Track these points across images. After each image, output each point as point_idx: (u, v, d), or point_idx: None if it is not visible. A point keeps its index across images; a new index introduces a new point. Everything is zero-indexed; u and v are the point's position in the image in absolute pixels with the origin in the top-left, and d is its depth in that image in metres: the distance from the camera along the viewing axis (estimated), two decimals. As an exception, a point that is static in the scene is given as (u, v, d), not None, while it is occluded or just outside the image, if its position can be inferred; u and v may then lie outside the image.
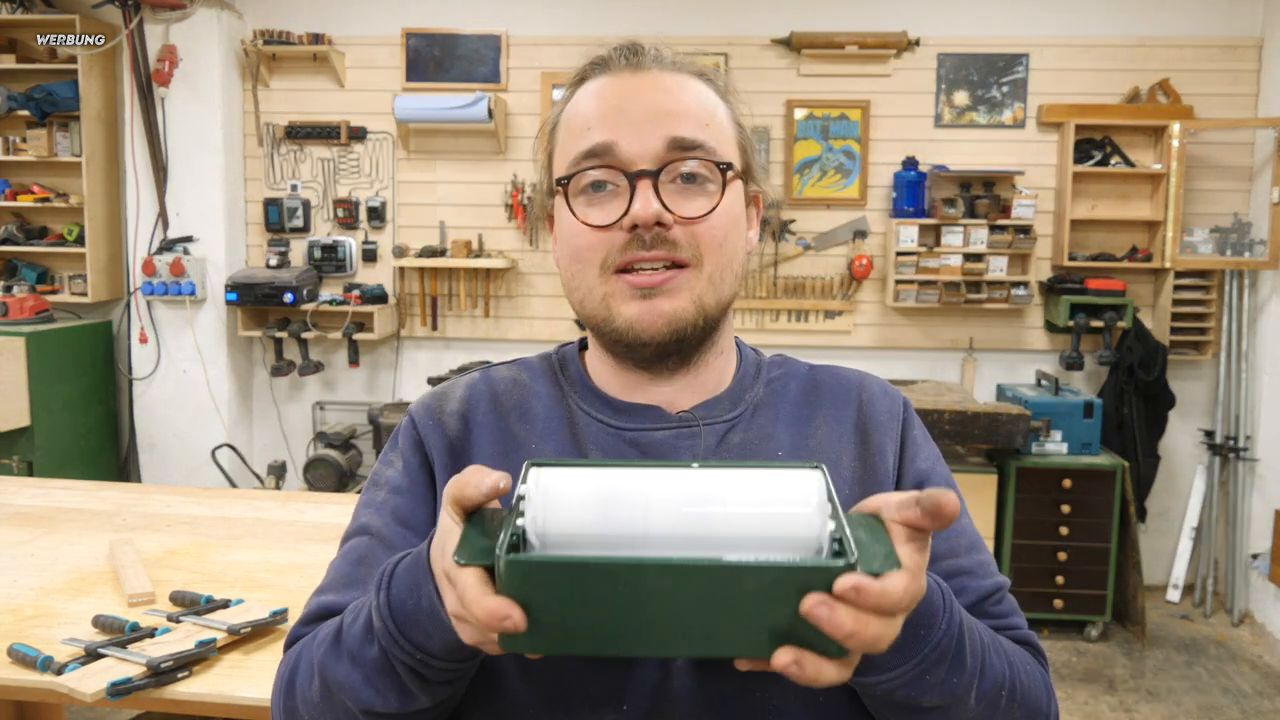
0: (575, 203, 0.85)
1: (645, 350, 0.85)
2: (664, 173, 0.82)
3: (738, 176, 0.87)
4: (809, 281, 4.32)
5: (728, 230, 0.85)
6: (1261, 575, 4.01)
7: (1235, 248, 4.08)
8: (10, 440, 3.98)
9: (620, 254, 0.82)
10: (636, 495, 0.60)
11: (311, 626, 0.87)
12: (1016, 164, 4.19)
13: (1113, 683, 3.52)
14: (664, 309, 0.83)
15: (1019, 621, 0.90)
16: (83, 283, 4.33)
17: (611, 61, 0.88)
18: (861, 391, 0.95)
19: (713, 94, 0.88)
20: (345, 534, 0.92)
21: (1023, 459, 3.80)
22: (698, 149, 0.83)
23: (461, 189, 4.41)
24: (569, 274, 0.87)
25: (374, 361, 4.55)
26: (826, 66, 4.24)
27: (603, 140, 0.83)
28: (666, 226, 0.82)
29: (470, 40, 4.32)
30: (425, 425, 0.91)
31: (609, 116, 0.84)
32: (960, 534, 0.91)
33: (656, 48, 0.89)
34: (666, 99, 0.84)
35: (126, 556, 1.87)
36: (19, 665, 1.45)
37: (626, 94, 0.85)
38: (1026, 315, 4.29)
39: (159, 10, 4.17)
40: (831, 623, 0.55)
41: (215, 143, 4.27)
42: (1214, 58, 4.13)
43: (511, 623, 0.56)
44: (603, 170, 0.83)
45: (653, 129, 0.83)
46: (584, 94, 0.87)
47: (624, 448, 0.87)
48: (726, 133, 0.87)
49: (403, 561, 0.72)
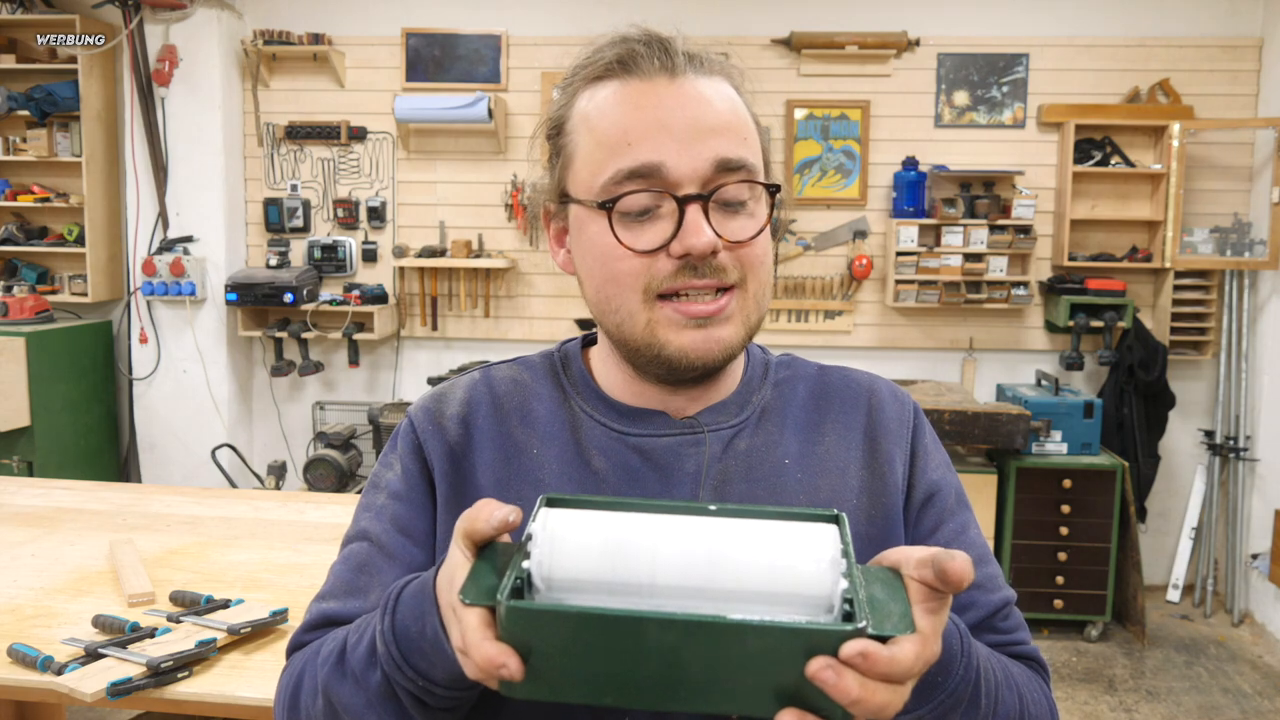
0: (616, 223, 0.80)
1: (693, 373, 0.83)
2: (713, 195, 0.79)
3: (777, 191, 0.84)
4: (809, 281, 4.32)
5: (768, 248, 0.84)
6: (1261, 575, 4.01)
7: (1235, 248, 4.08)
8: (10, 440, 3.98)
9: (668, 281, 0.79)
10: (644, 545, 0.59)
11: (314, 634, 0.86)
12: (1016, 164, 4.19)
13: (1113, 683, 3.52)
14: (721, 336, 0.80)
15: (1024, 636, 0.90)
16: (83, 283, 4.33)
17: (643, 61, 0.81)
18: (871, 396, 0.93)
19: (741, 99, 0.84)
20: (346, 536, 0.92)
21: (1023, 459, 3.80)
22: (742, 169, 0.80)
23: (461, 189, 4.41)
24: (602, 295, 0.83)
25: (374, 361, 4.55)
26: (826, 66, 4.24)
27: (650, 160, 0.78)
28: (716, 254, 0.79)
29: (470, 40, 4.32)
30: (425, 430, 0.89)
31: (652, 132, 0.78)
32: (970, 546, 0.90)
33: (685, 42, 0.83)
34: (708, 113, 0.79)
35: (126, 556, 1.87)
36: (19, 665, 1.45)
37: (668, 105, 0.79)
38: (1026, 315, 4.29)
39: (159, 10, 4.17)
40: (838, 688, 0.53)
41: (215, 143, 4.27)
42: (1214, 58, 4.13)
43: (507, 672, 0.56)
44: (649, 195, 0.78)
45: (700, 148, 0.78)
46: (613, 98, 0.81)
47: (627, 453, 0.86)
48: (758, 141, 0.84)
49: (409, 587, 0.72)
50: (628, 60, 0.81)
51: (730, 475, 0.85)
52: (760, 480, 0.85)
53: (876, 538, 0.85)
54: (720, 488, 0.85)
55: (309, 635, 0.87)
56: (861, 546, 0.82)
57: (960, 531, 0.91)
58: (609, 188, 0.79)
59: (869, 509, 0.87)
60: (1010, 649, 0.89)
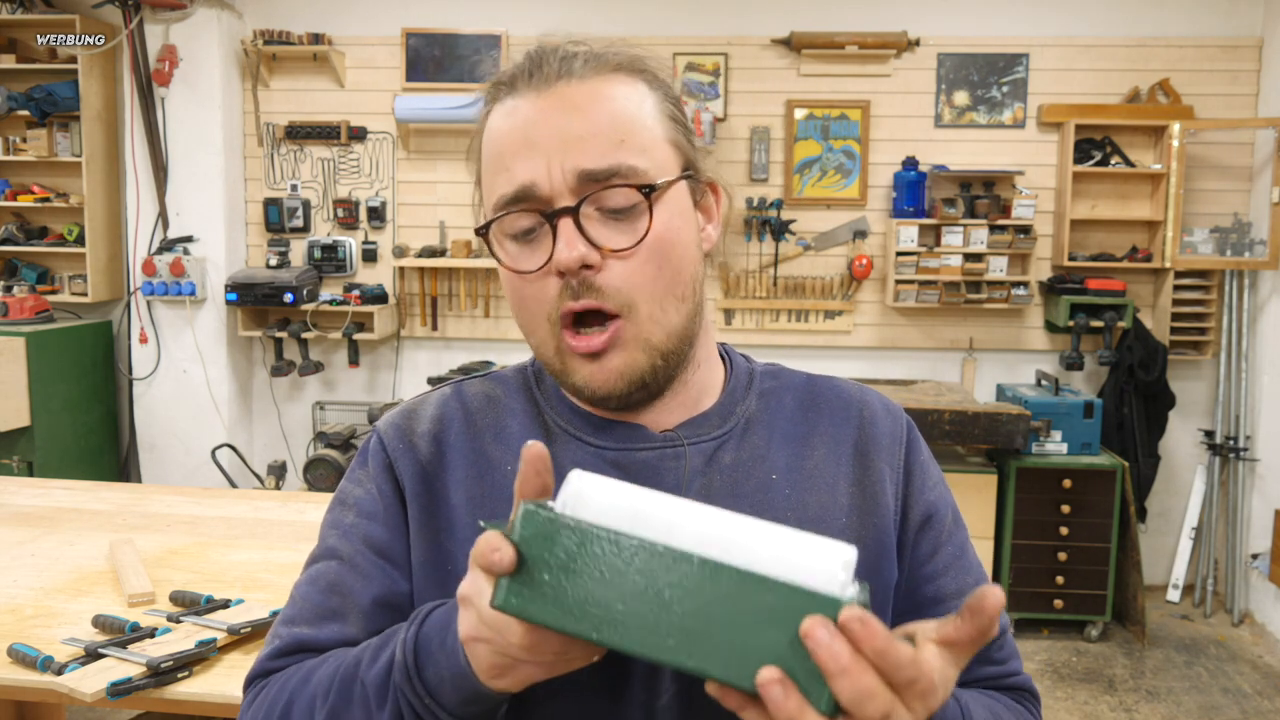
0: (502, 248, 0.80)
1: (609, 403, 0.81)
2: (586, 203, 0.76)
3: (669, 187, 0.79)
4: (809, 281, 4.32)
5: (665, 253, 0.78)
6: (1261, 575, 4.01)
7: (1235, 248, 4.08)
8: (10, 440, 3.98)
9: (556, 307, 0.78)
10: (662, 518, 0.59)
11: (284, 660, 0.82)
12: (1016, 164, 4.19)
13: (1113, 683, 3.52)
14: (614, 366, 0.78)
15: (1017, 666, 0.90)
16: (83, 283, 4.33)
17: (518, 78, 0.80)
18: (863, 409, 0.90)
19: (634, 92, 0.80)
20: (311, 556, 0.88)
21: (1023, 459, 3.80)
22: (612, 176, 0.76)
23: (461, 189, 4.41)
24: (520, 321, 0.83)
25: (374, 361, 4.55)
26: (826, 66, 4.24)
27: (521, 182, 0.76)
28: (595, 268, 0.76)
29: (470, 40, 4.32)
30: (395, 449, 0.86)
31: (520, 150, 0.77)
32: (967, 570, 0.89)
33: (568, 50, 0.81)
34: (574, 122, 0.76)
35: (126, 556, 1.87)
36: (19, 665, 1.45)
37: (534, 120, 0.77)
38: (1026, 315, 4.29)
39: (159, 10, 4.17)
40: (828, 650, 0.51)
41: (215, 143, 4.27)
42: (1214, 58, 4.13)
43: (499, 556, 0.55)
44: (524, 214, 0.77)
45: (563, 160, 0.76)
46: (496, 117, 0.80)
47: (604, 468, 0.82)
48: (651, 136, 0.79)
49: (441, 605, 0.71)
50: (506, 80, 0.81)
51: (714, 489, 0.82)
52: (746, 495, 0.83)
53: (866, 562, 0.80)
54: (703, 503, 0.83)
55: (278, 662, 0.82)
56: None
57: (959, 555, 0.89)
58: (493, 213, 0.80)
59: (858, 528, 0.84)
60: (1004, 681, 0.88)
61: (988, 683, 0.88)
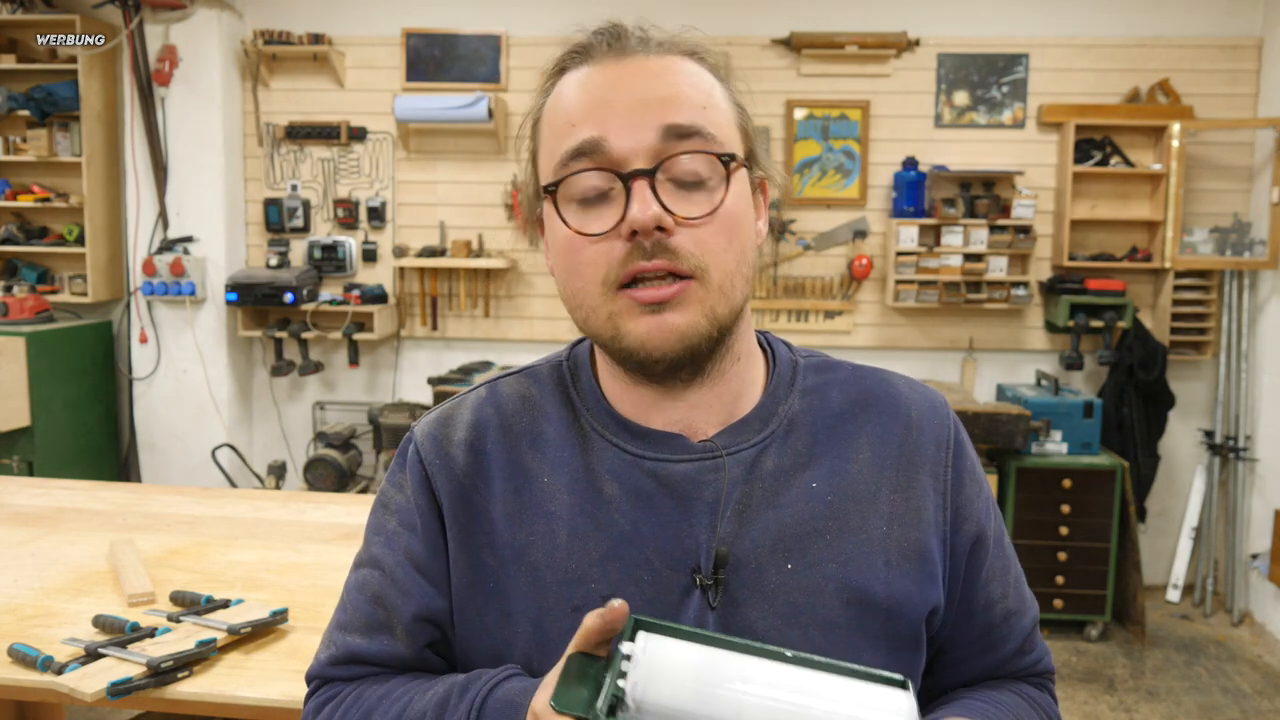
0: (566, 210, 0.78)
1: (658, 366, 0.78)
2: (661, 170, 0.75)
3: (741, 165, 0.79)
4: (809, 281, 4.32)
5: (735, 228, 0.78)
6: (1261, 575, 4.01)
7: (1235, 248, 4.08)
8: (10, 440, 3.98)
9: (622, 267, 0.75)
10: (733, 687, 0.62)
11: (341, 669, 0.86)
12: (1016, 164, 4.19)
13: (1113, 683, 3.52)
14: (675, 323, 0.75)
15: (1043, 651, 0.93)
16: (83, 283, 4.33)
17: (593, 48, 0.80)
18: (911, 409, 0.87)
19: (708, 74, 0.81)
20: (358, 558, 0.90)
21: (1023, 459, 3.80)
22: (695, 136, 0.76)
23: (461, 189, 4.41)
24: (568, 290, 0.80)
25: (374, 361, 4.55)
26: (826, 66, 4.24)
27: (590, 136, 0.76)
28: (668, 231, 0.74)
29: (470, 40, 4.32)
30: (433, 464, 0.86)
31: (595, 110, 0.76)
32: (1005, 570, 0.90)
33: (642, 28, 0.81)
34: (657, 85, 0.77)
35: (126, 556, 1.87)
36: (19, 665, 1.45)
37: (612, 83, 0.77)
38: (1026, 315, 4.29)
39: (159, 10, 4.17)
40: None
41: (215, 143, 4.27)
42: (1214, 58, 4.13)
43: None
44: (593, 172, 0.76)
45: (645, 119, 0.75)
46: (565, 86, 0.80)
47: (641, 478, 0.82)
48: (725, 115, 0.80)
49: (495, 694, 0.74)
50: (580, 50, 0.81)
51: (753, 501, 0.81)
52: (785, 507, 0.81)
53: (902, 593, 0.82)
54: (742, 514, 0.81)
55: (336, 670, 0.86)
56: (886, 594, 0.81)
57: (1004, 569, 0.91)
58: (558, 172, 0.78)
59: (899, 539, 0.83)
60: (1032, 670, 0.92)
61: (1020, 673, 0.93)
